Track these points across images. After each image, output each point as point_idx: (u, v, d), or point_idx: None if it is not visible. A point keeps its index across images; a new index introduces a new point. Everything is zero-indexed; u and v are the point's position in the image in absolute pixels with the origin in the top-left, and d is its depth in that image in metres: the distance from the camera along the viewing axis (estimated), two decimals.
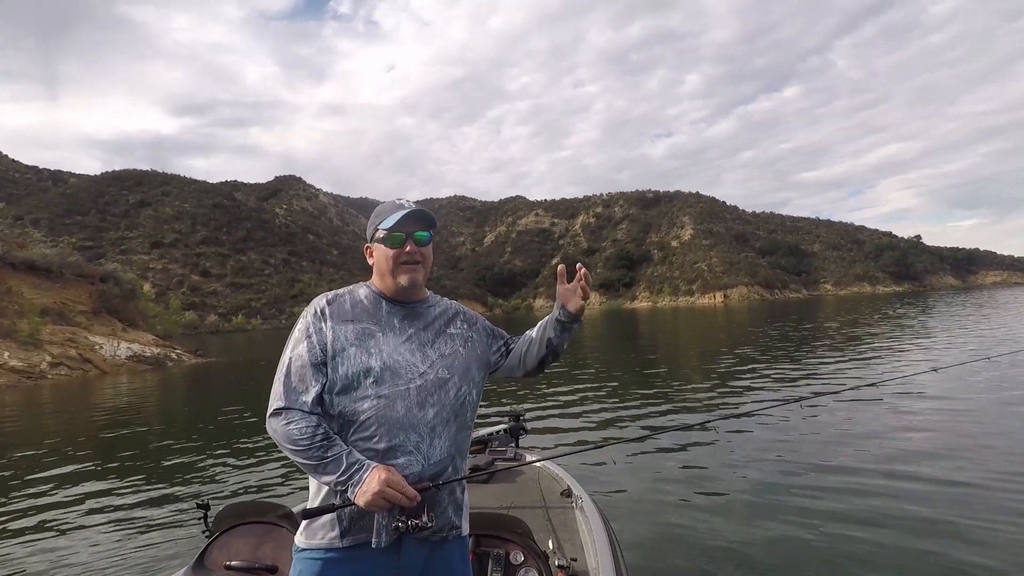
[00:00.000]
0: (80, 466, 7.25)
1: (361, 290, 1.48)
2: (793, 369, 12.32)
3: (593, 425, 8.03)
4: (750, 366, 13.17)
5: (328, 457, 1.26)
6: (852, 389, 5.09)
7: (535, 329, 1.60)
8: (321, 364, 1.34)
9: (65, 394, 17.09)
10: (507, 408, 8.62)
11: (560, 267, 1.51)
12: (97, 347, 25.15)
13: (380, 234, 1.43)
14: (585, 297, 1.51)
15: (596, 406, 9.41)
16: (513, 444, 3.85)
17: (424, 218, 1.43)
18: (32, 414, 13.43)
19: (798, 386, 10.30)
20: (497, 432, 3.89)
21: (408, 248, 1.41)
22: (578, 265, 1.51)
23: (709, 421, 7.42)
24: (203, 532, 2.34)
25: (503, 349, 1.62)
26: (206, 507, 2.42)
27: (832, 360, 13.35)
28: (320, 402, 1.33)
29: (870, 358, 13.47)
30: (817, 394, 4.38)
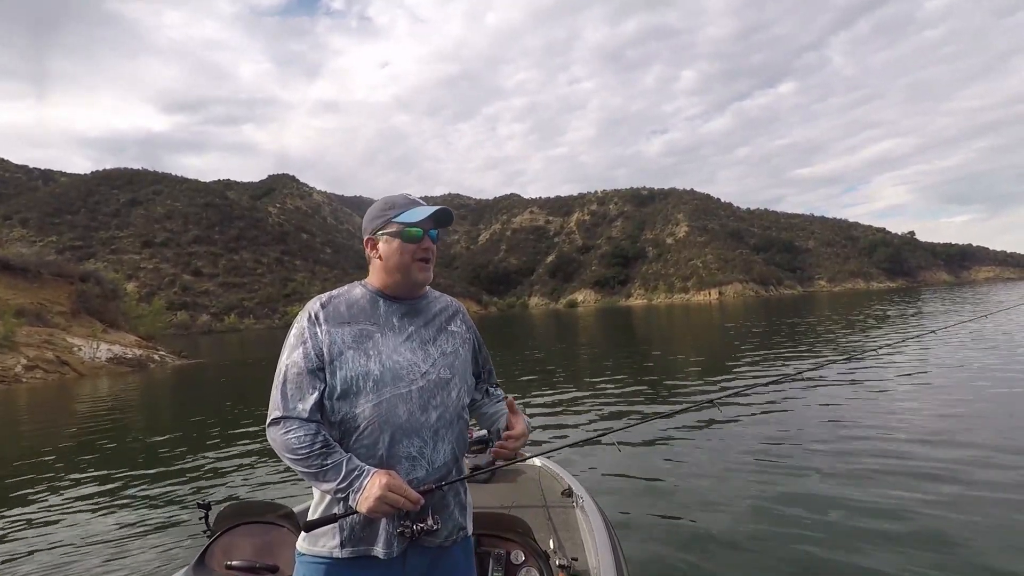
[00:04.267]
0: (74, 468, 7.09)
1: (357, 290, 1.43)
2: (787, 357, 12.07)
3: (594, 422, 7.95)
4: (747, 358, 12.90)
5: (327, 465, 1.23)
6: (844, 361, 4.91)
7: (491, 411, 1.56)
8: (318, 370, 1.30)
9: (43, 397, 16.50)
10: None
11: (510, 399, 1.50)
12: (75, 349, 24.42)
13: (393, 228, 1.38)
14: (506, 453, 1.44)
15: (596, 403, 9.24)
16: None
17: (442, 215, 1.41)
18: (11, 418, 12.90)
19: (792, 373, 10.43)
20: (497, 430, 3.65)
21: (426, 244, 1.38)
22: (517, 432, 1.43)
23: (710, 403, 7.45)
24: (204, 532, 2.34)
25: (481, 376, 1.58)
26: (207, 507, 2.41)
27: (823, 346, 12.97)
28: (320, 409, 1.30)
29: (860, 344, 13.16)
30: (800, 372, 4.39)
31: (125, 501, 5.53)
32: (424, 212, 1.37)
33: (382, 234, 1.39)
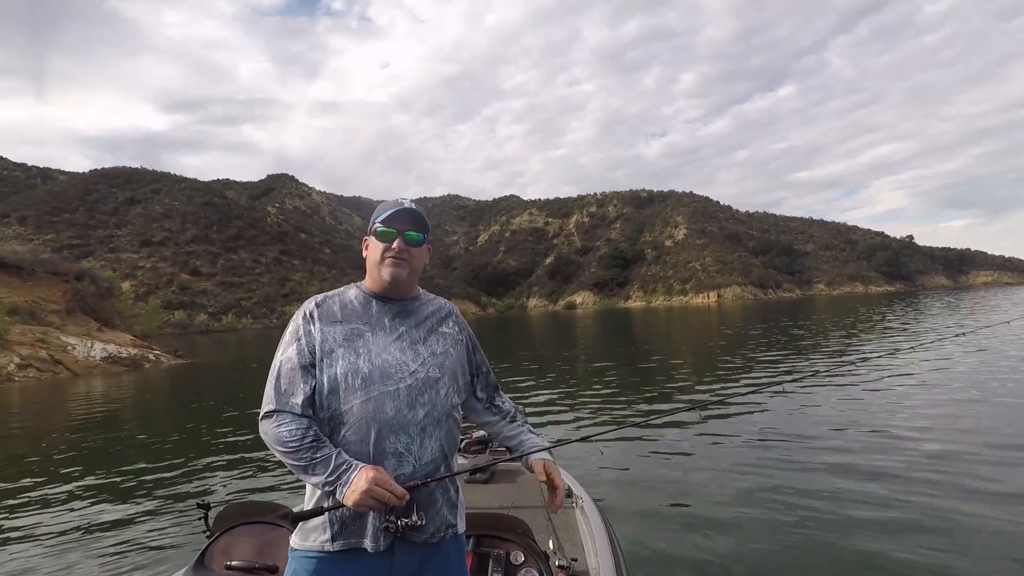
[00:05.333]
0: (70, 469, 7.03)
1: (351, 291, 1.48)
2: (782, 359, 12.15)
3: (592, 423, 7.98)
4: (742, 360, 12.90)
5: (316, 458, 1.26)
6: (835, 369, 5.11)
7: (511, 428, 1.63)
8: (310, 366, 1.34)
9: (36, 397, 16.35)
10: None
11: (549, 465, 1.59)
12: (69, 348, 24.25)
13: (374, 227, 1.44)
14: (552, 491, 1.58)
15: (596, 405, 9.25)
16: None
17: (416, 218, 1.45)
18: (3, 418, 12.71)
19: (787, 374, 10.47)
20: None
21: (395, 244, 1.41)
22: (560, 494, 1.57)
23: (703, 406, 7.77)
24: (203, 532, 2.34)
25: (477, 378, 1.59)
26: (206, 507, 2.41)
27: (817, 348, 12.91)
28: (311, 404, 1.33)
29: (852, 346, 13.12)
30: (799, 378, 4.78)
31: (123, 501, 5.49)
32: (390, 211, 1.43)
33: (370, 235, 1.47)
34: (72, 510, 5.33)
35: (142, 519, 4.93)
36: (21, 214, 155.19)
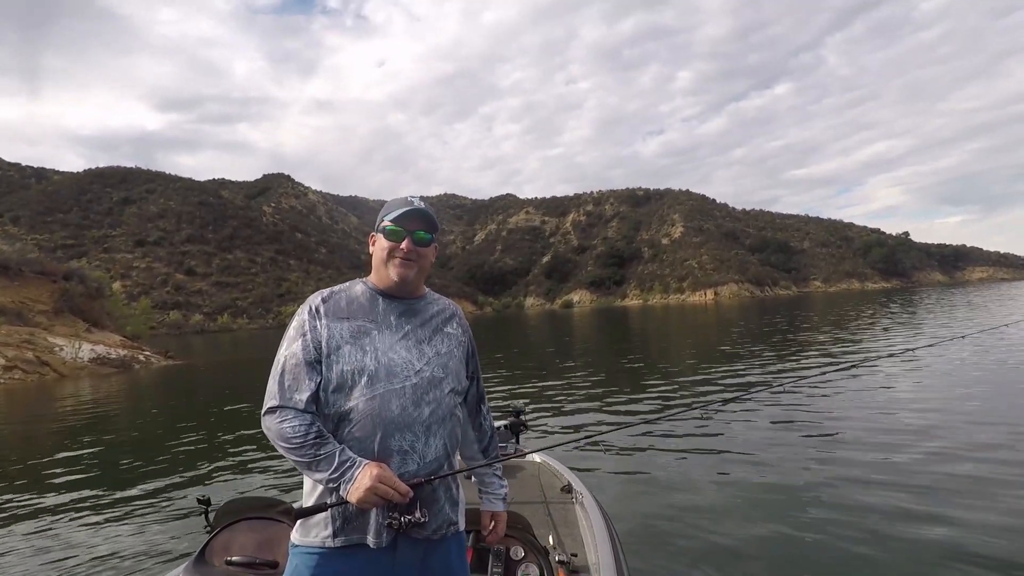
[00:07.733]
0: (68, 467, 7.04)
1: (358, 287, 1.47)
2: (781, 356, 12.13)
3: (593, 420, 7.98)
4: (742, 358, 12.75)
5: (321, 455, 1.26)
6: (834, 371, 5.18)
7: (481, 460, 1.62)
8: (315, 362, 1.34)
9: (23, 399, 16.06)
10: (507, 404, 8.27)
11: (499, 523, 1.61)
12: (57, 349, 23.82)
13: (383, 225, 1.43)
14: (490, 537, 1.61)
15: (596, 404, 9.22)
16: (513, 440, 3.83)
17: (426, 219, 1.44)
18: None
19: (786, 372, 10.38)
20: (497, 428, 3.85)
21: (404, 245, 1.40)
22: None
23: (708, 404, 7.54)
24: (204, 528, 2.36)
25: (470, 383, 1.57)
26: (207, 503, 2.42)
27: (817, 346, 12.70)
28: (315, 400, 1.33)
29: (852, 343, 12.94)
30: (802, 377, 4.51)
31: (124, 498, 5.50)
32: (401, 211, 1.42)
33: (378, 232, 1.46)
34: (70, 507, 5.29)
35: (142, 515, 4.91)
36: (15, 214, 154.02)
